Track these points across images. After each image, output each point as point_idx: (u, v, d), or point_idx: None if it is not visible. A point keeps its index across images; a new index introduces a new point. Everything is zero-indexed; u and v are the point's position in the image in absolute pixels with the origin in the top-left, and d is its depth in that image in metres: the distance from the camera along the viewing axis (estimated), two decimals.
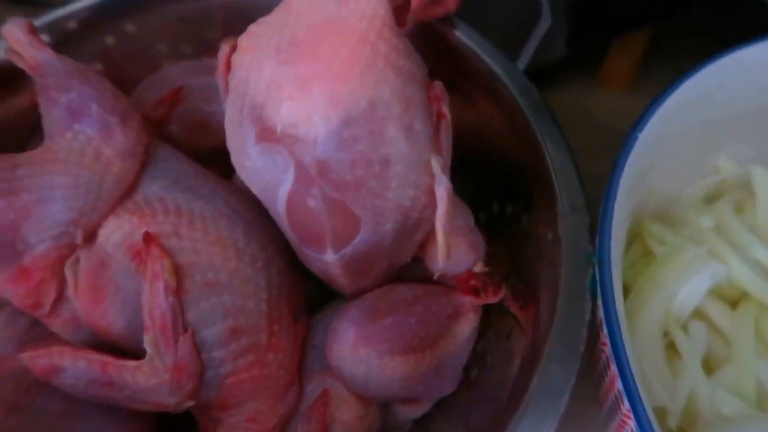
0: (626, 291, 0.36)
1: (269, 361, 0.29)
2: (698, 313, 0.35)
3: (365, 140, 0.26)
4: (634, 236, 0.38)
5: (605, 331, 0.27)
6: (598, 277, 0.29)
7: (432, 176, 0.27)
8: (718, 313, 0.35)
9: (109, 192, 0.27)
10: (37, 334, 0.29)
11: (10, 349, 0.29)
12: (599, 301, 0.28)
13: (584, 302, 0.29)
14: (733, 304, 0.35)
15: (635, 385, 0.26)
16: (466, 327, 0.32)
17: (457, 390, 0.34)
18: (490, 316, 0.34)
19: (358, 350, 0.29)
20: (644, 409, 0.25)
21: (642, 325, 0.34)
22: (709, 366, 0.34)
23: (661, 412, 0.31)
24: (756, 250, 0.36)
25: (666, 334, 0.34)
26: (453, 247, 0.31)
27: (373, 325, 0.30)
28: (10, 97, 0.38)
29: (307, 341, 0.32)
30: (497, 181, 0.37)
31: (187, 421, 0.31)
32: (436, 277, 0.32)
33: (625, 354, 0.26)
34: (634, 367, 0.26)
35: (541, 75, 0.56)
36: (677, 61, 0.37)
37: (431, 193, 0.28)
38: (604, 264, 0.28)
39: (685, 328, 0.34)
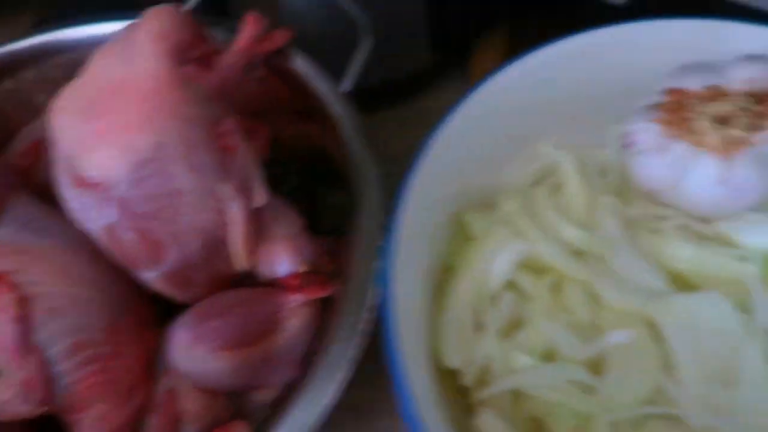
0: (452, 273, 0.41)
1: (113, 366, 0.34)
2: (511, 285, 0.40)
3: (155, 178, 0.31)
4: (461, 227, 0.43)
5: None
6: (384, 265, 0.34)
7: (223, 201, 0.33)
8: (526, 282, 0.40)
9: None
10: None
11: None
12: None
13: (369, 289, 0.34)
14: (540, 274, 0.40)
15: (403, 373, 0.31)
16: (297, 321, 0.37)
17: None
18: None
19: (191, 350, 0.35)
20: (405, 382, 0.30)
21: (454, 300, 0.39)
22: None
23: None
24: (561, 227, 0.41)
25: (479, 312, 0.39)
26: (274, 253, 0.36)
27: (201, 327, 0.35)
28: None
29: (158, 348, 0.37)
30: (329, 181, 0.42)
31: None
32: (265, 280, 0.37)
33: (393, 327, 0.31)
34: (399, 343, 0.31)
35: (403, 88, 0.61)
36: None
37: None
38: (389, 252, 0.33)
39: (494, 300, 0.39)
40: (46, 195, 0.37)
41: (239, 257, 0.34)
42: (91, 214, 0.32)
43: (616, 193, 0.42)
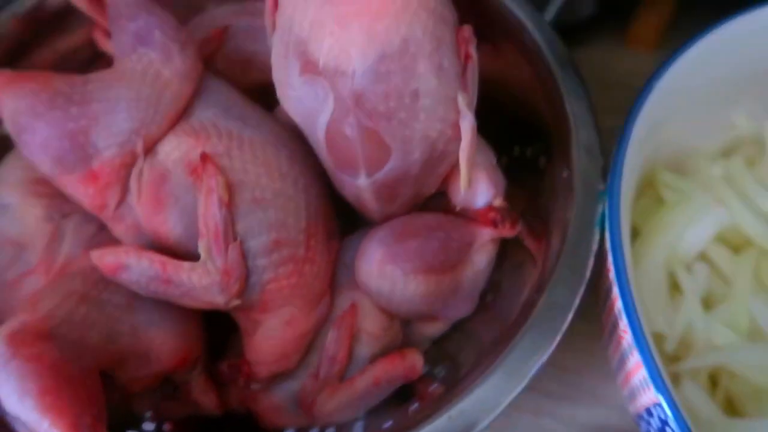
0: (635, 235, 0.38)
1: (305, 271, 0.32)
2: (702, 257, 0.38)
3: (398, 75, 0.28)
4: (647, 186, 0.41)
5: (610, 258, 0.30)
6: (607, 211, 0.31)
7: (458, 112, 0.30)
8: (720, 257, 0.37)
9: (167, 108, 0.31)
10: (102, 239, 0.33)
11: (78, 251, 0.33)
12: (606, 234, 0.31)
13: (592, 234, 0.31)
14: (736, 250, 0.38)
15: (632, 302, 0.28)
16: (484, 257, 0.35)
17: (473, 314, 0.37)
18: (506, 248, 0.38)
19: (385, 267, 0.33)
20: (640, 324, 0.28)
21: (648, 264, 0.36)
22: (708, 305, 0.36)
23: (659, 339, 0.34)
24: (761, 200, 0.38)
25: (671, 276, 0.37)
26: (474, 181, 0.34)
27: (399, 245, 0.33)
28: (63, 35, 0.41)
29: (338, 260, 0.35)
30: (519, 126, 0.39)
31: (230, 327, 0.35)
32: (458, 209, 0.35)
33: (626, 277, 0.29)
34: (633, 291, 0.29)
35: (567, 33, 0.57)
36: (707, 22, 0.38)
37: (456, 128, 0.31)
38: (613, 197, 0.31)
39: (688, 269, 0.37)
40: None
41: (464, 175, 0.31)
42: (313, 105, 0.30)
43: None
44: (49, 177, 0.31)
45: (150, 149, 0.31)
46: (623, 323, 0.29)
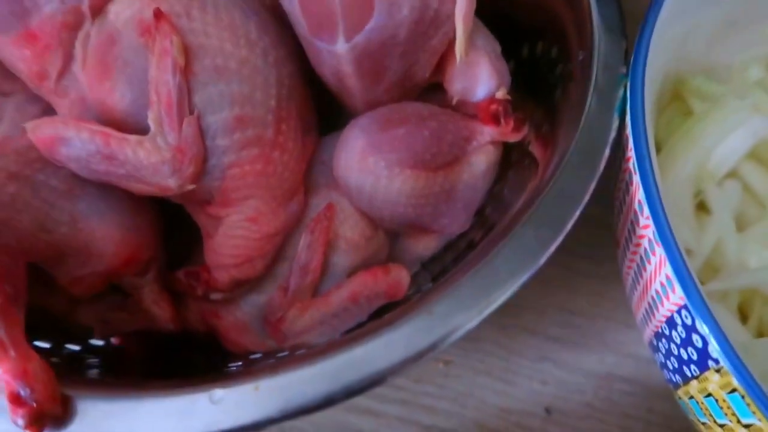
0: (659, 148, 0.34)
1: (274, 158, 0.28)
2: (733, 175, 0.33)
3: None
4: (674, 98, 0.36)
5: (631, 144, 0.26)
6: (629, 95, 0.27)
7: None
8: (755, 175, 0.32)
9: None
10: None
11: (17, 132, 0.29)
12: (627, 120, 0.26)
13: (611, 119, 0.27)
14: None
15: (656, 188, 0.24)
16: (484, 158, 0.31)
17: (469, 231, 0.33)
18: (509, 156, 0.33)
19: (366, 159, 0.28)
20: (664, 213, 0.24)
21: (673, 179, 0.32)
22: (739, 228, 0.32)
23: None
24: None
25: (698, 194, 0.32)
26: (474, 65, 0.29)
27: (383, 133, 0.28)
28: None
29: (316, 158, 0.31)
30: (528, 20, 0.35)
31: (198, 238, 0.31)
32: (455, 102, 0.31)
33: (649, 160, 0.25)
34: (657, 177, 0.25)
35: None
36: None
37: None
38: (637, 77, 0.26)
39: (719, 187, 0.32)
40: None
41: (460, 38, 0.27)
42: None
43: None
44: None
45: (99, 9, 0.27)
46: (644, 216, 0.24)
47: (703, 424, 0.26)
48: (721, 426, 0.24)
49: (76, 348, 0.29)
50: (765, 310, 0.29)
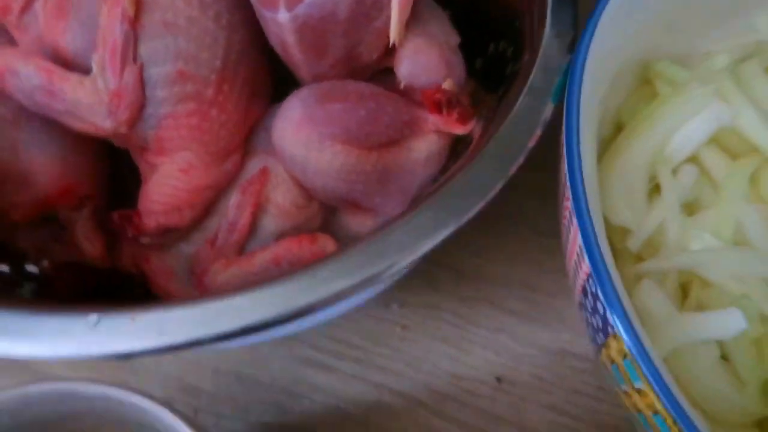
0: (619, 131, 0.33)
1: (211, 116, 0.29)
2: (693, 161, 0.32)
3: None
4: (643, 82, 0.35)
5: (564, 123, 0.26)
6: (567, 82, 0.27)
7: None
8: (714, 161, 0.31)
9: None
10: None
11: None
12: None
13: (545, 103, 0.27)
14: (734, 157, 0.32)
15: (579, 160, 0.24)
16: (424, 146, 0.31)
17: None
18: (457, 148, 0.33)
19: (301, 130, 0.29)
20: (583, 185, 0.24)
21: (629, 160, 0.31)
22: (691, 213, 0.31)
23: (623, 232, 0.30)
24: None
25: (653, 180, 0.31)
26: (423, 53, 0.30)
27: (320, 107, 0.29)
28: None
29: (260, 123, 0.32)
30: (494, 18, 0.35)
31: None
32: (402, 86, 0.31)
33: (577, 137, 0.25)
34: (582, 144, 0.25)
35: None
36: None
37: None
38: (576, 66, 0.26)
39: (675, 172, 0.31)
40: None
41: (395, 22, 0.27)
42: None
43: None
44: None
45: None
46: (568, 188, 0.25)
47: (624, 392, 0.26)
48: (625, 393, 0.25)
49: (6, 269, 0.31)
50: (703, 293, 0.29)
